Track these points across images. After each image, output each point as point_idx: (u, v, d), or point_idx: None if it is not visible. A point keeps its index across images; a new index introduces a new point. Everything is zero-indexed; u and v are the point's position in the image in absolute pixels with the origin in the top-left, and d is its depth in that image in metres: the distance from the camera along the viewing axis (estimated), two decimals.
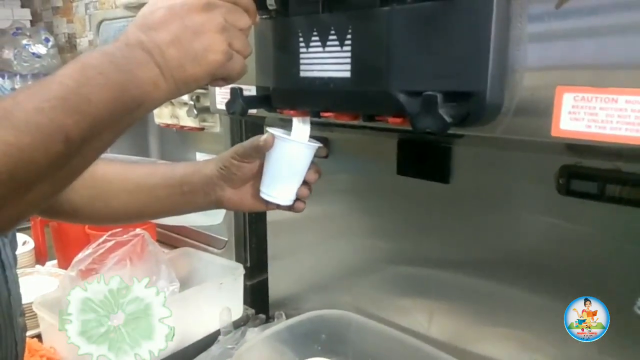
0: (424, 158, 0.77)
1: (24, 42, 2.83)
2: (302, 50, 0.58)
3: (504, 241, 0.72)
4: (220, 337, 0.94)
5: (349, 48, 0.54)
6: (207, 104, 1.03)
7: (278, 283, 1.10)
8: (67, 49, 3.11)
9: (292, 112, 0.62)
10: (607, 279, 0.63)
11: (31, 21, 3.18)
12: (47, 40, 2.90)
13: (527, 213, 0.69)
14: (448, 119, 0.46)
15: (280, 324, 0.88)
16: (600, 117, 0.45)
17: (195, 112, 1.17)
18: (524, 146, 0.63)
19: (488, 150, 0.70)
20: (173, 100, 1.21)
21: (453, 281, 0.80)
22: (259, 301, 1.12)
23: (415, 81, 0.50)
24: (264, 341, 0.84)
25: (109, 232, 0.99)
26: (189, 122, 1.21)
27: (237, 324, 1.00)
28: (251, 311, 1.09)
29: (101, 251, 0.96)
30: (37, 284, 1.14)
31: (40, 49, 2.86)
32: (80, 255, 0.93)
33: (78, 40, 3.03)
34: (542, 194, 0.65)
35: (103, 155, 0.46)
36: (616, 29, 0.44)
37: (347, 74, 0.54)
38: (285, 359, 0.86)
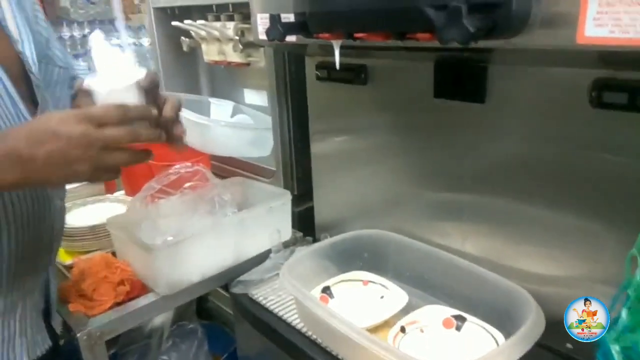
0: (460, 79, 0.78)
1: None
2: None
3: (537, 158, 0.74)
4: (271, 255, 1.03)
5: None
6: (252, 38, 1.06)
7: (323, 210, 1.18)
8: None
9: (327, 35, 0.65)
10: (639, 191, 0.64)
11: None
12: None
13: (560, 127, 0.70)
14: (472, 29, 0.48)
15: (325, 241, 0.96)
16: (624, 21, 0.46)
17: (241, 46, 1.22)
18: (556, 60, 0.64)
19: (522, 67, 0.71)
20: (220, 37, 1.26)
21: (489, 199, 0.83)
22: (306, 226, 1.20)
23: None
24: (310, 254, 0.92)
25: (173, 168, 1.08)
26: (236, 57, 1.26)
27: (287, 245, 1.09)
28: (299, 234, 1.17)
29: (165, 182, 1.06)
30: (107, 209, 1.27)
31: None
32: (147, 185, 1.04)
33: None
34: (575, 108, 0.66)
35: None
36: None
37: None
38: (329, 272, 0.94)
